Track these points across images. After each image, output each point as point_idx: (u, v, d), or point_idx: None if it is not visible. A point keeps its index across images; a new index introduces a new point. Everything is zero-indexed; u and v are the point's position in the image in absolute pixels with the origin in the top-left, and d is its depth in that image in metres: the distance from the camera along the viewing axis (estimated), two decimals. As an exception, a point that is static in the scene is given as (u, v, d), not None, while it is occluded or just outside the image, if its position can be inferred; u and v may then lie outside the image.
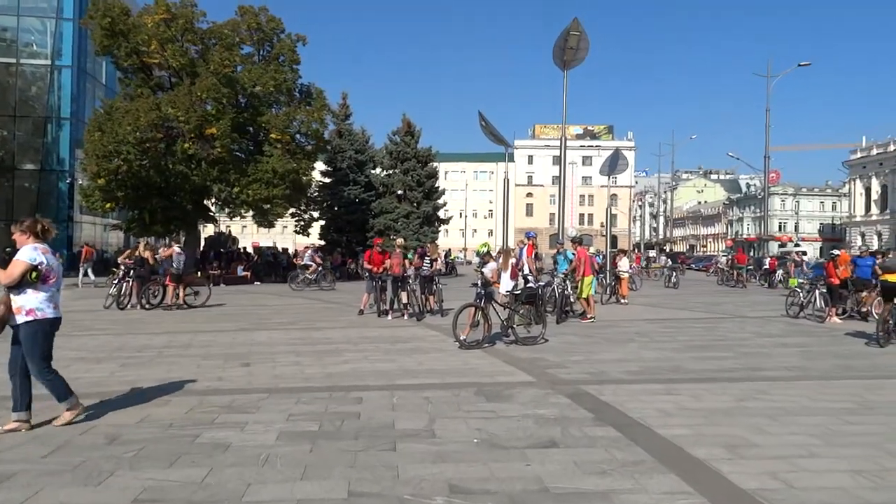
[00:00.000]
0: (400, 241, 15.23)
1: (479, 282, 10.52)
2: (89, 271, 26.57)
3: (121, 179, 27.72)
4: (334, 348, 10.05)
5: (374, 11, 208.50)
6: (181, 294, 16.20)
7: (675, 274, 30.60)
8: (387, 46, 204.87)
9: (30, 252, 5.37)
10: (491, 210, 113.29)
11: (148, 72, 30.27)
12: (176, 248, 16.00)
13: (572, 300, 14.75)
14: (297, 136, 31.87)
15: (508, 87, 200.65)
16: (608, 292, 19.71)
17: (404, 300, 14.67)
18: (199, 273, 30.17)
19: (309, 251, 28.04)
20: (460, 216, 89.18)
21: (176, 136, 28.61)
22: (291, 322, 13.89)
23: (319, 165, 44.22)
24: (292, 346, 10.32)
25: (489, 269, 10.74)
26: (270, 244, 60.96)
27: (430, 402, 6.39)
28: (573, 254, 14.72)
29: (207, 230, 61.86)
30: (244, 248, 40.21)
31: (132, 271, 16.69)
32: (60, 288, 5.72)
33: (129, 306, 16.29)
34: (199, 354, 9.39)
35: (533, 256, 13.83)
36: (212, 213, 33.90)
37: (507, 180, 23.18)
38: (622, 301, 18.99)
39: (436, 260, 15.78)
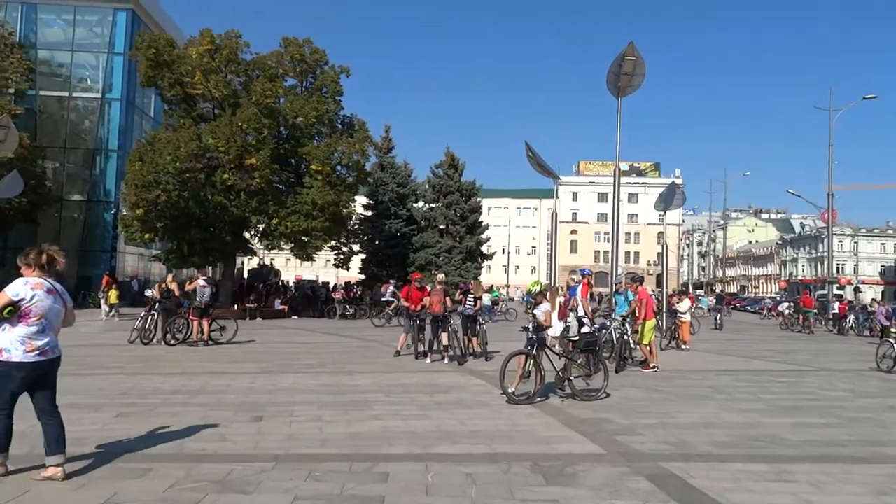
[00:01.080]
0: (441, 276, 14.00)
1: (531, 326, 9.14)
2: (102, 302, 26.18)
3: (159, 210, 27.33)
4: (363, 399, 8.77)
5: (417, 44, 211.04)
6: (206, 329, 15.20)
7: (719, 315, 28.82)
8: (430, 79, 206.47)
9: (17, 286, 4.83)
10: (534, 246, 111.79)
11: (191, 103, 30.15)
12: (200, 281, 15.06)
13: (632, 346, 13.22)
14: (338, 167, 31.23)
15: (552, 122, 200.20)
16: (667, 337, 18.04)
17: (445, 342, 13.36)
18: (235, 306, 29.58)
19: (391, 287, 27.31)
20: (503, 252, 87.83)
21: (216, 166, 28.23)
22: (321, 364, 12.69)
23: (361, 199, 43.78)
24: (316, 394, 9.08)
25: (542, 311, 9.35)
26: (314, 278, 60.65)
27: (475, 483, 5.03)
28: (633, 294, 13.22)
29: (251, 263, 61.98)
30: (282, 282, 39.53)
31: (157, 304, 15.82)
32: (51, 328, 4.94)
33: (154, 341, 15.38)
34: (209, 403, 8.22)
35: (588, 297, 12.41)
36: (251, 246, 33.34)
37: (556, 214, 21.91)
38: (683, 347, 17.29)
39: (480, 298, 14.46)
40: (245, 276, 47.38)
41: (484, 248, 42.11)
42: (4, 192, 25.57)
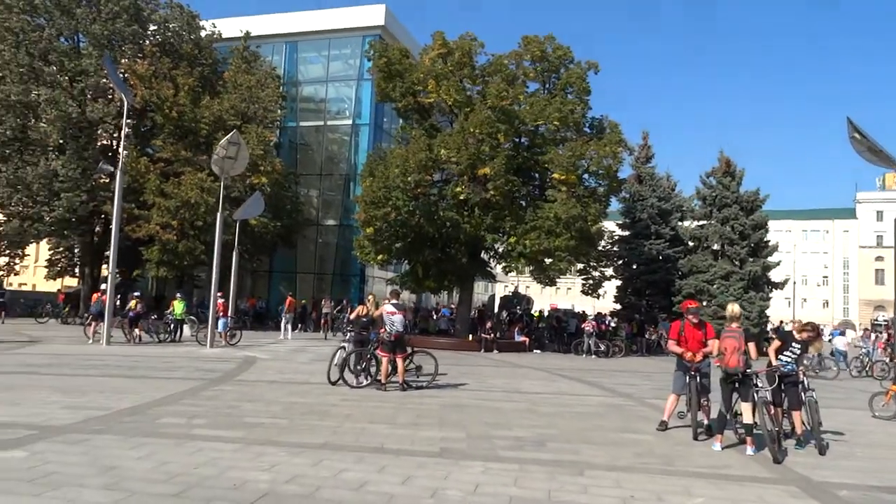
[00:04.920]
0: (734, 308, 8.52)
1: None
2: (288, 326, 25.38)
3: (391, 228, 25.27)
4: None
5: (677, 29, 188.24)
6: (400, 369, 11.51)
7: None
8: (695, 75, 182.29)
9: None
10: (825, 276, 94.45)
11: (423, 113, 27.97)
12: (387, 307, 11.44)
13: None
14: (586, 176, 26.59)
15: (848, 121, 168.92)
16: None
17: (747, 417, 7.91)
18: (470, 336, 26.35)
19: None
20: (784, 283, 74.56)
21: (447, 180, 25.47)
22: (538, 441, 8.04)
23: (614, 218, 38.40)
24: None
25: None
26: (569, 307, 56.17)
27: None
28: None
29: (499, 289, 59.67)
30: (524, 310, 35.71)
31: (349, 335, 12.62)
32: None
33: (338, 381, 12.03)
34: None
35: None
36: (490, 269, 30.04)
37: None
38: None
39: (807, 346, 8.72)
40: (496, 303, 44.73)
41: (772, 275, 33.85)
42: (246, 214, 25.50)
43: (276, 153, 35.90)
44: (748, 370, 7.96)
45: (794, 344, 8.83)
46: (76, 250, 35.11)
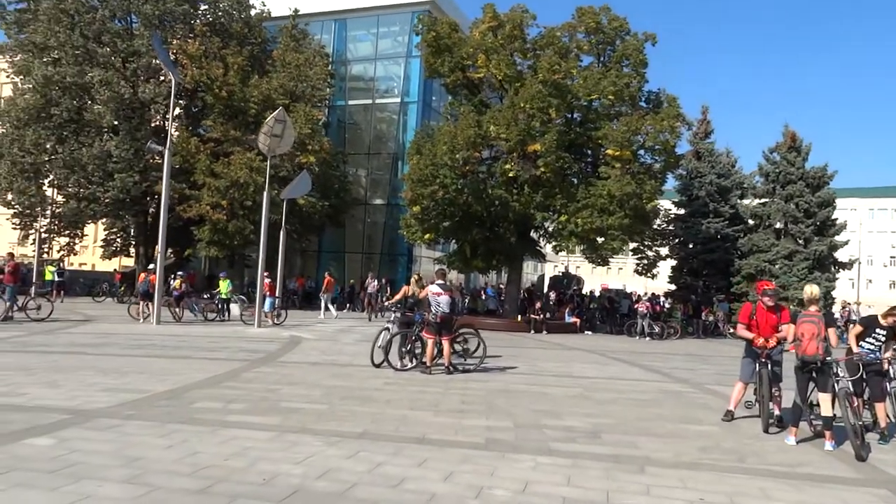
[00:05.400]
0: (815, 290, 7.70)
1: None
2: (330, 305, 25.27)
3: (437, 207, 24.79)
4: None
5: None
6: (446, 352, 11.06)
7: None
8: (758, 49, 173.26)
9: None
10: (892, 257, 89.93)
11: (472, 89, 27.25)
12: (433, 288, 10.94)
13: None
14: (641, 152, 25.51)
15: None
16: None
17: (825, 409, 7.15)
18: (519, 317, 25.80)
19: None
20: (851, 263, 71.20)
21: (496, 157, 24.78)
22: (593, 431, 7.47)
23: (670, 196, 37.00)
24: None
25: None
26: (620, 287, 54.85)
27: None
28: None
29: (548, 268, 58.79)
30: (575, 290, 34.82)
31: (394, 316, 12.22)
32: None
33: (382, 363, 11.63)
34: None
35: None
36: (539, 248, 29.29)
37: None
38: None
39: (894, 332, 7.87)
40: (545, 283, 43.98)
41: (838, 255, 32.07)
42: (293, 193, 25.36)
43: (325, 132, 35.74)
44: (827, 358, 7.19)
45: (877, 330, 8.01)
46: (130, 230, 35.81)
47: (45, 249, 34.99)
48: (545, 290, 37.93)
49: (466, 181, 24.54)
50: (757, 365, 8.11)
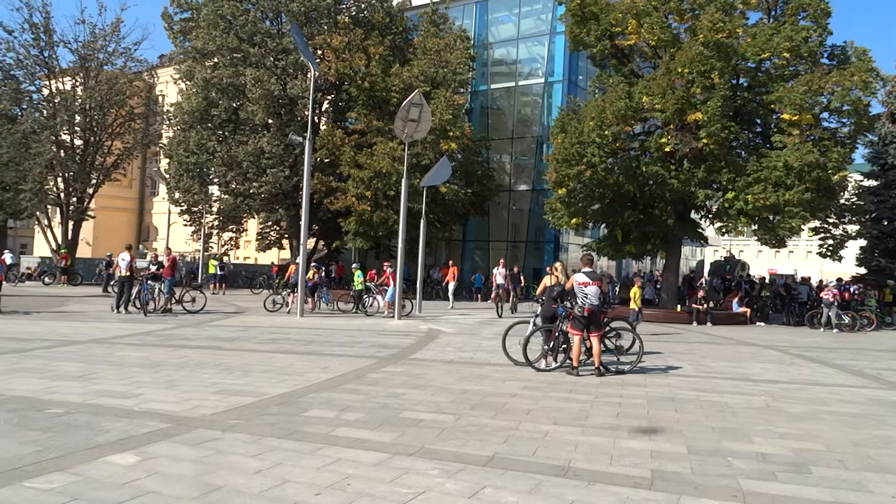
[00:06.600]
0: None
1: None
2: (450, 296, 24.73)
3: (585, 188, 22.97)
4: None
5: None
6: (595, 350, 9.52)
7: None
8: None
9: None
10: None
11: (621, 58, 24.98)
12: (579, 277, 9.39)
13: None
14: (825, 115, 22.02)
15: None
16: None
17: None
18: (679, 307, 23.41)
19: None
20: None
21: (650, 131, 22.48)
22: (790, 460, 5.71)
23: (859, 166, 32.19)
24: None
25: None
26: (790, 272, 49.46)
27: None
28: None
29: (708, 253, 54.36)
30: (744, 276, 31.27)
31: (538, 308, 10.89)
32: None
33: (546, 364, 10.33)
34: None
35: None
36: (701, 230, 26.42)
37: None
38: None
39: None
40: (705, 269, 40.43)
41: None
42: (433, 180, 24.62)
43: (468, 118, 34.88)
44: None
45: None
46: (283, 223, 37.19)
47: (212, 244, 37.28)
48: (705, 276, 34.63)
49: (617, 159, 22.51)
50: None
